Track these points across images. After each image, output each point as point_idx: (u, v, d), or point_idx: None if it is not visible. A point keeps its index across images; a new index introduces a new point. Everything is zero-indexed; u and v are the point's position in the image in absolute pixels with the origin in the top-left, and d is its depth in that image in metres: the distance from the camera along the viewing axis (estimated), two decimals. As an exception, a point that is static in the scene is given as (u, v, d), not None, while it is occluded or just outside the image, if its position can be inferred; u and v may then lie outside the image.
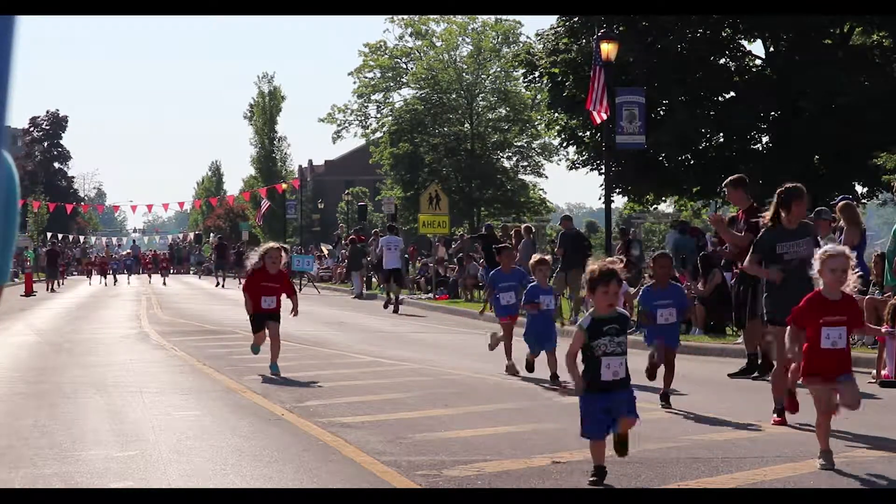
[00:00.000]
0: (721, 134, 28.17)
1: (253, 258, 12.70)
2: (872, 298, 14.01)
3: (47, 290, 40.30)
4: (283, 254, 12.62)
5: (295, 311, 12.48)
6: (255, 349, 12.63)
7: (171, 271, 57.06)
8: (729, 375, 12.01)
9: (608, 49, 20.07)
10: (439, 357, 14.70)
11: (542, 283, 11.44)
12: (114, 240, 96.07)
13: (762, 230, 8.89)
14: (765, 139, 28.74)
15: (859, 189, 28.10)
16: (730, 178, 12.58)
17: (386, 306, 27.32)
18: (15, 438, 7.97)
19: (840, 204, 14.58)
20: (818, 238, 9.61)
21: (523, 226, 29.71)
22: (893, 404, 10.14)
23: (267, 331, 12.22)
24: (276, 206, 61.96)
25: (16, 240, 1.69)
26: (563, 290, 21.82)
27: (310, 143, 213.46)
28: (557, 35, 28.80)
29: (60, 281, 45.28)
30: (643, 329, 10.64)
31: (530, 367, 11.50)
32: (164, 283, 46.69)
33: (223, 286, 43.64)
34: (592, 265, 6.26)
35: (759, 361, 11.83)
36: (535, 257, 11.96)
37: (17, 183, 1.92)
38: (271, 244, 12.97)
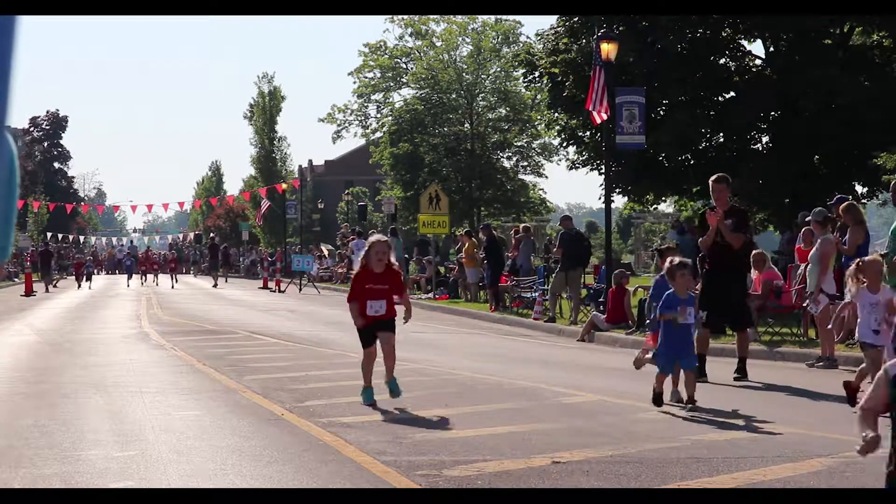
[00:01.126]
0: (721, 134, 28.15)
1: (357, 261, 10.22)
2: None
3: (45, 290, 40.35)
4: (389, 248, 10.03)
5: (408, 314, 10.18)
6: (368, 395, 9.74)
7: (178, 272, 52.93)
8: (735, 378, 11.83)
9: (608, 49, 20.06)
10: (439, 357, 14.71)
11: (680, 291, 9.48)
12: (114, 240, 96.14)
13: None
14: (765, 139, 28.73)
15: (859, 189, 28.08)
16: (721, 176, 12.14)
17: None
18: (15, 438, 7.97)
19: (843, 205, 14.58)
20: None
21: (522, 225, 29.76)
22: (893, 404, 10.14)
23: (378, 344, 9.77)
24: (276, 206, 61.91)
25: (15, 219, 1.68)
26: (563, 291, 21.84)
27: (310, 143, 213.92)
28: (557, 35, 28.79)
29: (54, 283, 44.36)
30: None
31: (658, 399, 9.36)
32: (173, 287, 43.55)
33: (216, 285, 43.79)
34: None
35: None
36: (674, 259, 9.76)
37: (17, 162, 1.90)
38: (377, 237, 10.36)
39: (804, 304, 14.49)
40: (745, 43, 28.68)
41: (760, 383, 11.52)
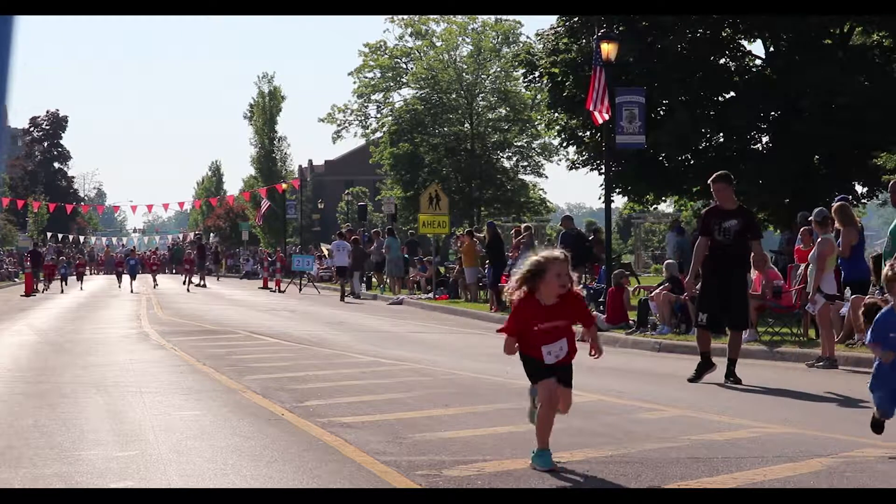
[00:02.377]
0: (721, 134, 28.21)
1: (512, 282, 6.91)
2: (873, 299, 14.03)
3: (41, 290, 40.41)
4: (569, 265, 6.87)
5: (593, 345, 7.20)
6: (545, 460, 6.76)
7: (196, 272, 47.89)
8: (689, 380, 11.74)
9: (608, 49, 20.07)
10: (439, 357, 14.73)
11: None
12: (114, 240, 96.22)
13: None
14: (765, 139, 28.77)
15: (859, 189, 28.15)
16: (721, 174, 11.84)
17: (342, 298, 32.08)
18: (15, 438, 7.98)
19: (834, 206, 14.63)
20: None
21: (523, 225, 29.79)
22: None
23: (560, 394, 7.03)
24: (276, 206, 62.04)
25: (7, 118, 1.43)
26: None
27: (310, 143, 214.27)
28: (557, 35, 28.82)
29: (47, 283, 43.28)
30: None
31: (877, 426, 7.45)
32: (189, 290, 41.22)
33: (205, 285, 44.08)
34: None
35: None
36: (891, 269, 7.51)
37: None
38: (551, 252, 6.81)
39: (805, 305, 14.44)
40: (745, 43, 28.72)
41: (760, 386, 11.52)
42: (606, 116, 20.43)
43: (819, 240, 13.53)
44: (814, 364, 13.32)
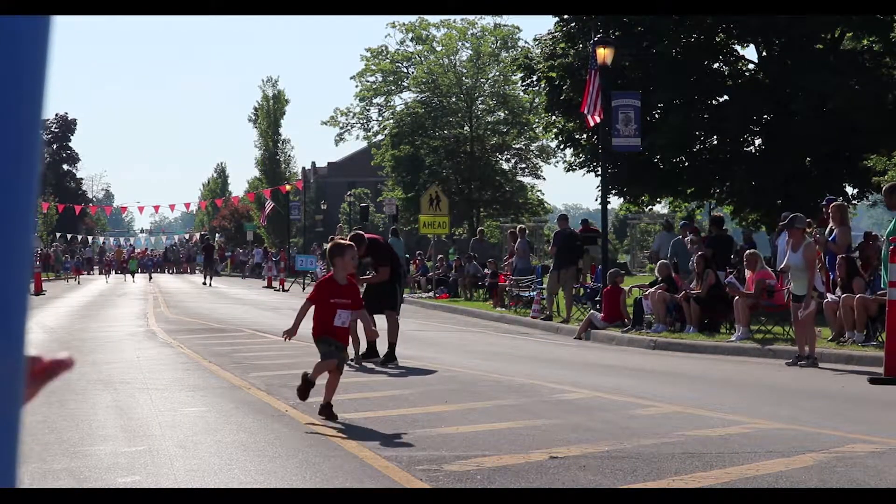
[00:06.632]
0: (714, 136, 28.38)
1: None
2: (863, 297, 14.23)
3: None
4: None
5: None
6: None
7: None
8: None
9: (604, 54, 20.25)
10: (439, 354, 14.85)
11: None
12: (121, 240, 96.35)
13: None
14: (757, 141, 28.93)
15: (850, 190, 28.36)
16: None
17: None
18: (24, 434, 7.95)
19: (833, 204, 14.76)
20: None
21: (518, 226, 29.99)
22: (882, 399, 10.32)
23: None
24: (280, 207, 62.24)
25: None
26: (556, 289, 22.04)
27: (313, 146, 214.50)
28: (555, 40, 28.98)
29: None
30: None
31: None
32: (208, 284, 45.75)
33: (209, 284, 44.42)
34: None
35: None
36: None
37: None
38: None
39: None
40: (738, 48, 28.90)
41: (752, 383, 11.66)
42: (598, 119, 20.62)
43: (805, 245, 13.60)
44: (795, 363, 13.39)
